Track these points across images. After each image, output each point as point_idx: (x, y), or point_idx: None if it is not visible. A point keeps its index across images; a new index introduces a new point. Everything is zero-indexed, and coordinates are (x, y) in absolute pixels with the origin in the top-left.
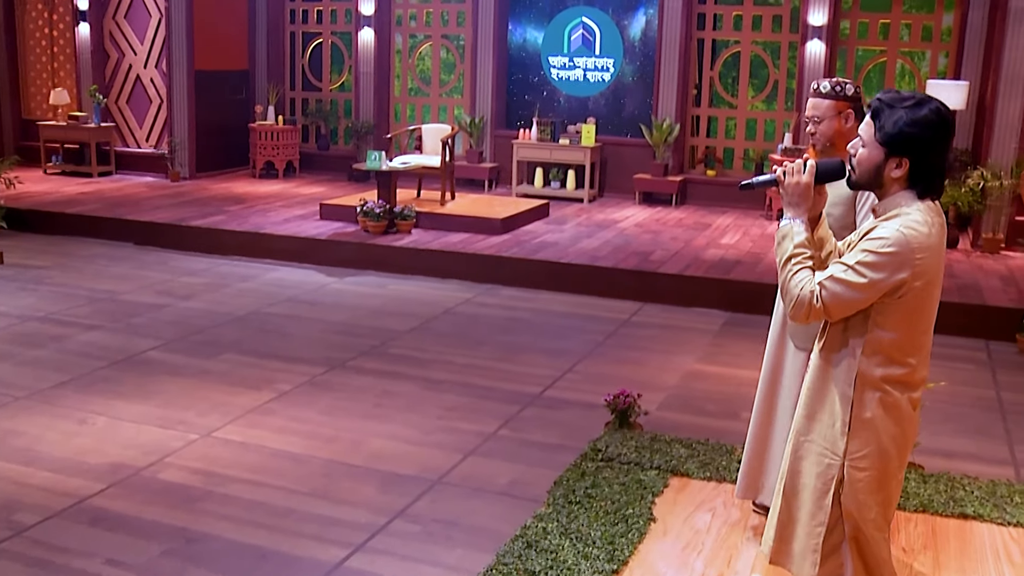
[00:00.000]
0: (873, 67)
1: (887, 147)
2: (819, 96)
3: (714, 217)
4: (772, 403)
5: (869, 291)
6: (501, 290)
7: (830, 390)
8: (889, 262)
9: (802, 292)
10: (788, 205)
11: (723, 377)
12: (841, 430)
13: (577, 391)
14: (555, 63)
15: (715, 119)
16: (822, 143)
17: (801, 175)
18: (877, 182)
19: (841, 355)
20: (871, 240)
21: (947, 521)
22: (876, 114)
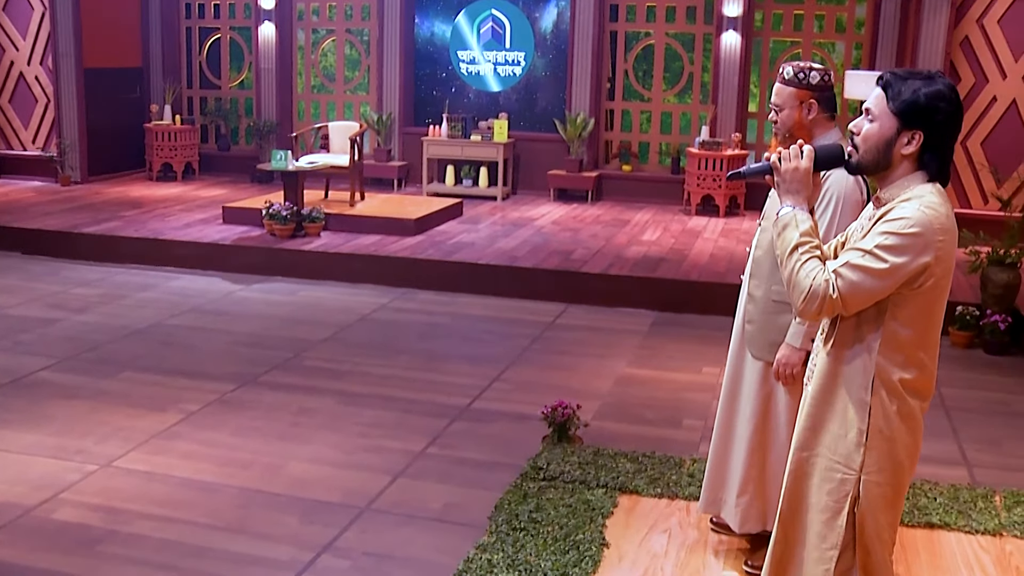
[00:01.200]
0: (788, 59)
1: (901, 117)
2: (782, 82)
3: (632, 213)
4: (732, 413)
5: (890, 278)
6: (418, 294)
7: (840, 396)
8: (912, 244)
9: (815, 283)
10: (787, 193)
11: (658, 381)
12: (857, 440)
13: (507, 401)
14: (464, 57)
15: (629, 113)
16: (783, 133)
17: (799, 160)
18: (885, 161)
19: (854, 353)
20: (890, 221)
21: (914, 532)
22: (888, 86)
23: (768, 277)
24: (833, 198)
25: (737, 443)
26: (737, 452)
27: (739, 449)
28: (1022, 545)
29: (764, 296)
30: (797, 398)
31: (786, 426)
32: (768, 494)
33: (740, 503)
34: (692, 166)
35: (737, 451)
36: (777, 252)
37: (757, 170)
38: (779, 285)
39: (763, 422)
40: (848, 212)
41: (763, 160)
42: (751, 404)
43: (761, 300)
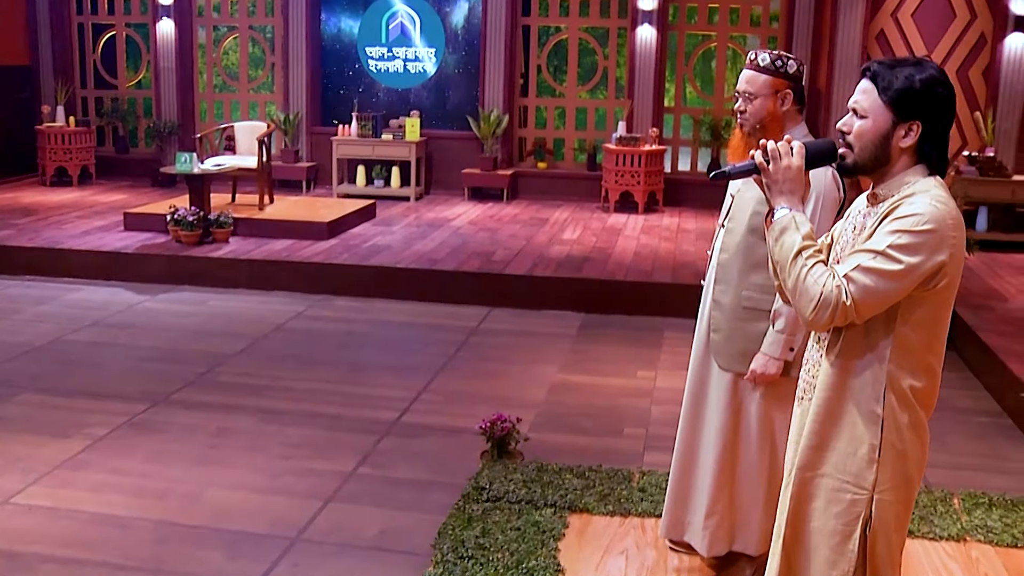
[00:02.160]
0: (703, 52)
1: (896, 109)
2: (756, 69)
3: (549, 211)
4: (696, 429)
5: (905, 280)
6: (334, 300)
7: (848, 410)
8: (927, 242)
9: (826, 290)
10: (781, 194)
11: (593, 388)
12: (869, 457)
13: (437, 414)
14: (373, 54)
15: (543, 109)
16: (751, 124)
17: (790, 157)
18: (882, 158)
19: (864, 363)
20: (901, 219)
21: None
22: (877, 77)
23: (737, 282)
24: (814, 197)
25: (703, 461)
26: (703, 471)
27: (706, 468)
28: (987, 550)
29: (733, 303)
30: (769, 411)
31: (757, 441)
32: (737, 514)
33: (709, 525)
34: (609, 162)
35: (703, 470)
36: (776, 258)
37: (744, 169)
38: (750, 290)
39: (733, 437)
40: (828, 211)
41: (748, 158)
42: (719, 419)
43: (729, 307)
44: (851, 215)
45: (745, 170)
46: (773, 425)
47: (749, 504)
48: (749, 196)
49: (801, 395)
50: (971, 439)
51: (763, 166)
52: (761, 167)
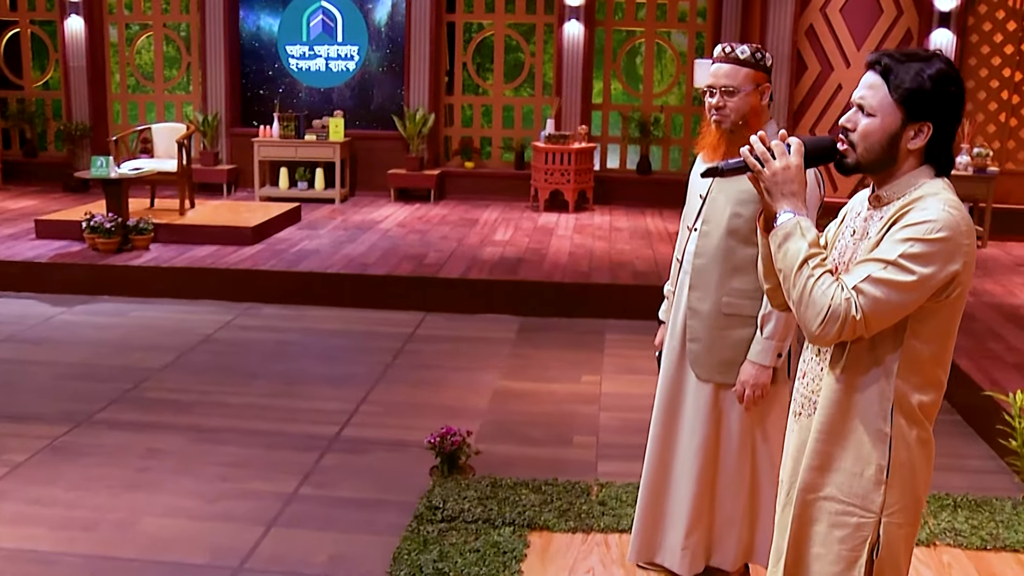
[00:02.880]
0: (631, 48)
1: (907, 109)
2: (735, 63)
3: (478, 212)
4: (671, 445)
5: (918, 291)
6: (262, 309)
7: (854, 428)
8: (940, 251)
9: (834, 302)
10: (782, 196)
11: (538, 395)
12: (876, 478)
13: (380, 427)
14: (294, 52)
15: (470, 107)
16: (732, 121)
17: (788, 157)
18: (888, 159)
19: (870, 378)
20: (913, 226)
21: None
22: (888, 72)
23: (716, 288)
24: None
25: (680, 479)
26: (681, 489)
27: (683, 485)
28: (958, 554)
29: (712, 310)
30: (751, 422)
31: (737, 453)
32: (715, 529)
33: (689, 545)
34: (538, 161)
35: (680, 488)
36: (779, 267)
37: (738, 165)
38: (730, 296)
39: (713, 452)
40: (810, 212)
41: (738, 157)
42: (700, 433)
43: (708, 315)
44: (847, 217)
45: (739, 167)
46: (754, 436)
47: (728, 519)
48: (725, 197)
49: (798, 410)
50: None
51: (756, 166)
52: (754, 167)
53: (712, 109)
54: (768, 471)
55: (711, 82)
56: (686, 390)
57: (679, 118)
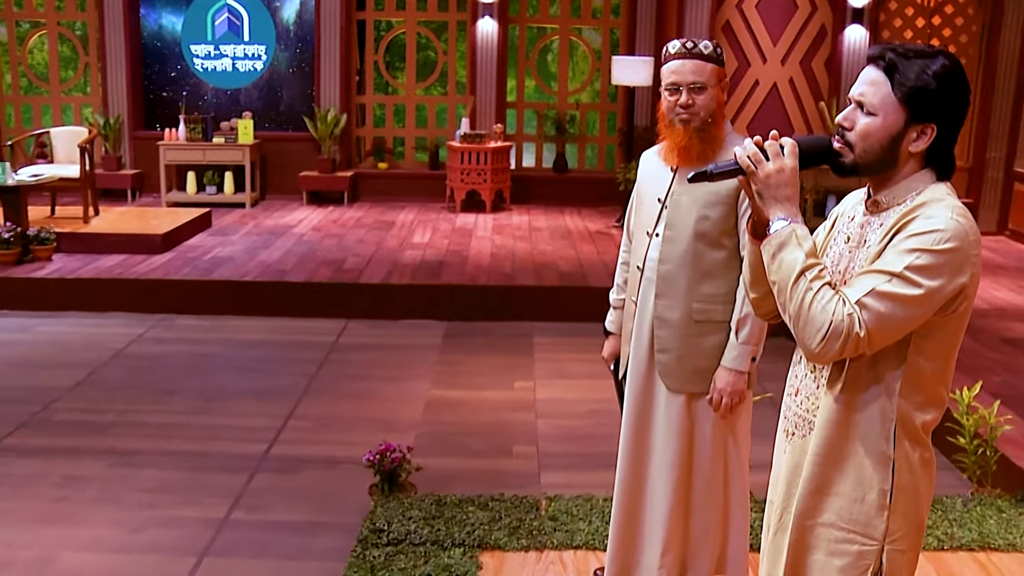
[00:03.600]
0: (545, 45)
1: (910, 109)
2: (700, 58)
3: (394, 214)
4: (643, 461)
5: (925, 305)
6: (177, 320)
7: (854, 451)
8: (948, 262)
9: (836, 318)
10: (775, 201)
11: (471, 403)
12: (878, 503)
13: (310, 443)
14: (199, 52)
15: (382, 107)
16: (701, 119)
17: (782, 159)
18: (888, 161)
19: (871, 397)
20: (919, 235)
21: None
22: (892, 68)
23: (686, 295)
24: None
25: (654, 496)
26: (656, 506)
27: (658, 502)
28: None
29: (682, 318)
30: (724, 431)
31: (711, 464)
32: (690, 544)
33: (665, 563)
34: (454, 161)
35: (656, 505)
36: (773, 278)
37: (728, 169)
38: (701, 302)
39: (687, 465)
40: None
41: (731, 160)
42: (673, 446)
43: (678, 323)
44: (839, 222)
45: (729, 170)
46: (727, 443)
47: (703, 532)
48: (690, 199)
49: (791, 429)
50: None
51: (750, 169)
52: (748, 169)
53: (677, 108)
54: (739, 478)
55: (676, 80)
56: (656, 403)
57: (594, 115)
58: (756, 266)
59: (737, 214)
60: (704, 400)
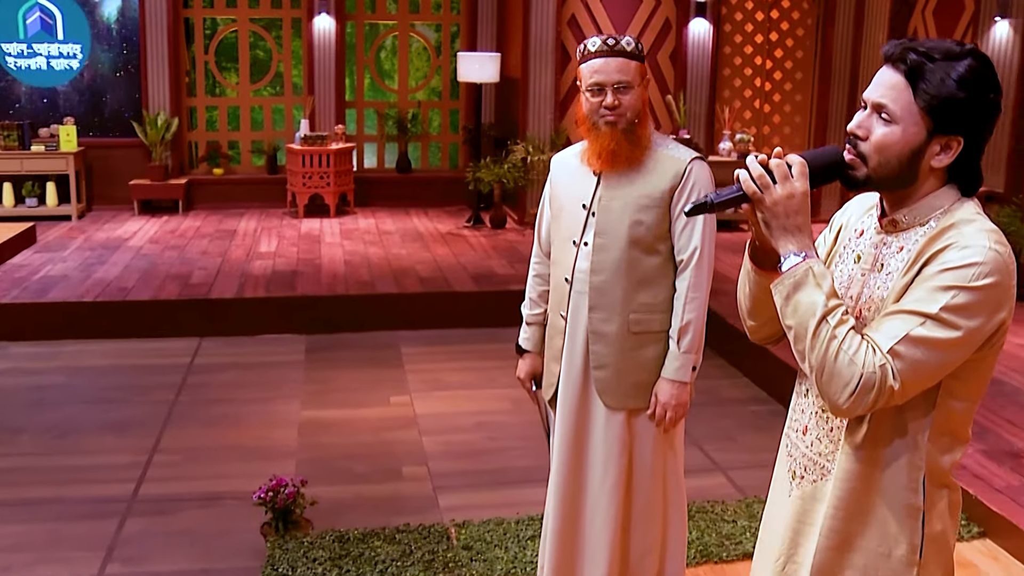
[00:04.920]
0: (385, 42)
1: (935, 119)
2: (624, 55)
3: (234, 222)
4: (579, 487)
5: (963, 349)
6: (9, 349)
7: (878, 504)
8: (988, 299)
9: (867, 370)
10: (785, 232)
11: (349, 424)
12: (908, 559)
13: (182, 479)
14: (11, 51)
15: (214, 110)
16: (628, 120)
17: (792, 182)
18: (908, 177)
19: (897, 449)
20: (955, 270)
21: (735, 567)
22: (915, 72)
23: (622, 306)
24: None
25: (595, 522)
26: (597, 532)
27: (600, 528)
28: None
29: (620, 330)
30: (663, 445)
31: (650, 481)
32: (631, 567)
33: None
34: (294, 164)
35: (597, 531)
36: (788, 323)
37: (730, 197)
38: (638, 313)
39: (628, 484)
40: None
41: (734, 185)
42: (614, 468)
43: (616, 336)
44: (844, 235)
45: (732, 198)
46: (666, 457)
47: (644, 553)
48: (621, 204)
49: (800, 472)
50: (756, 432)
51: (757, 196)
52: (754, 196)
53: (602, 109)
54: (677, 493)
55: (600, 79)
56: (593, 423)
57: (436, 113)
58: (757, 296)
59: (671, 217)
60: (644, 415)
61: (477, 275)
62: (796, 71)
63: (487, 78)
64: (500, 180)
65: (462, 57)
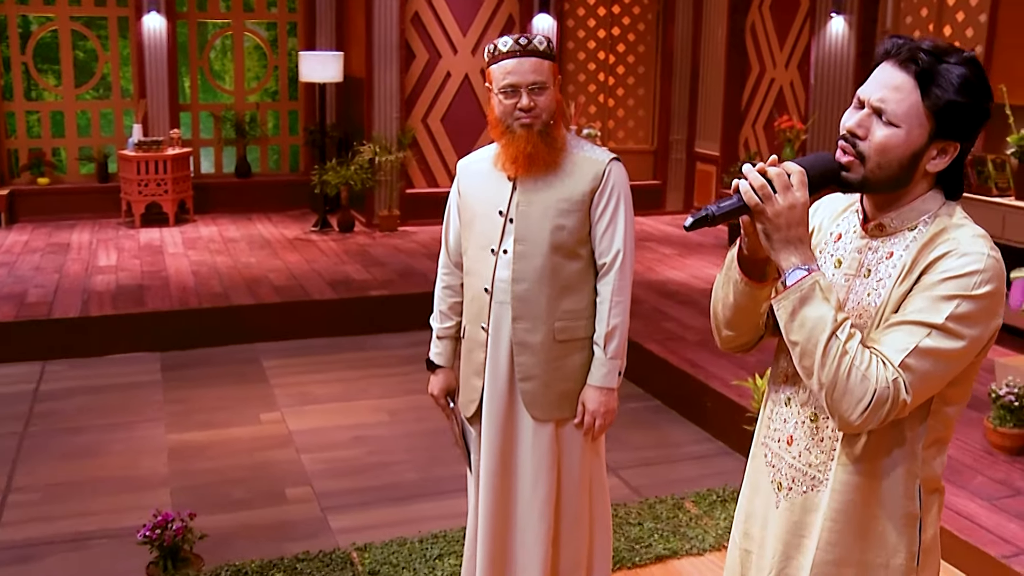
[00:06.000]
0: (219, 41)
1: (939, 123)
2: (536, 55)
3: (65, 234)
4: (508, 502)
5: (967, 358)
6: None
7: (876, 515)
8: (988, 307)
9: (880, 386)
10: (787, 244)
11: (221, 446)
12: (906, 566)
13: (46, 520)
14: None
15: (35, 115)
16: (544, 121)
17: (792, 192)
18: (903, 181)
19: (895, 458)
20: (956, 279)
21: (649, 570)
22: (926, 75)
23: (547, 314)
24: (621, 199)
25: (526, 540)
26: (528, 549)
27: (532, 545)
28: None
29: (545, 340)
30: (588, 453)
31: (578, 492)
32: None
33: None
34: (128, 171)
35: (528, 548)
36: (793, 338)
37: (731, 209)
38: (563, 320)
39: (557, 497)
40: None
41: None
42: (544, 482)
43: (542, 346)
44: (819, 238)
45: (734, 210)
46: (592, 467)
47: (573, 567)
48: (541, 210)
49: (787, 483)
50: (640, 430)
51: (759, 207)
52: (756, 207)
53: (517, 111)
54: (601, 500)
55: (514, 80)
56: (521, 437)
57: (275, 115)
58: (744, 306)
59: (591, 220)
60: (571, 425)
61: (334, 281)
62: (639, 65)
63: (330, 78)
64: (347, 182)
65: (303, 56)
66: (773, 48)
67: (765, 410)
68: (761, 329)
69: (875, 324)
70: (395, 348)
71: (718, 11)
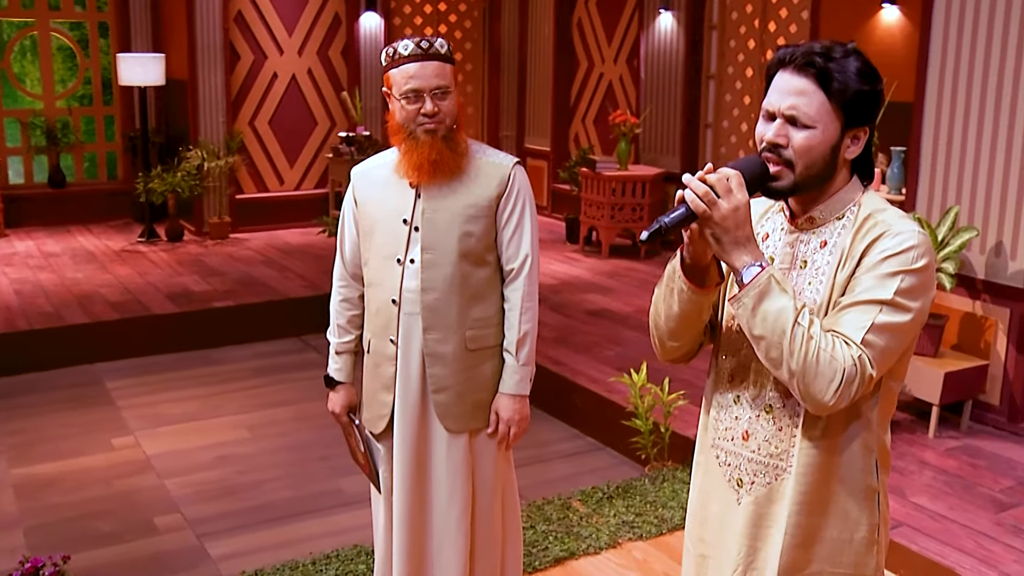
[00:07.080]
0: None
1: (847, 115)
2: (438, 59)
3: None
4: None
5: (915, 330)
6: None
7: (838, 491)
8: (926, 279)
9: (847, 364)
10: (736, 245)
11: (73, 477)
12: (868, 539)
13: None
14: None
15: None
16: (447, 127)
17: (734, 195)
18: (828, 175)
19: (852, 434)
20: (896, 256)
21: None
22: (824, 74)
23: (457, 323)
24: (527, 203)
25: (441, 552)
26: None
27: (448, 558)
28: (644, 546)
29: (457, 349)
30: (500, 461)
31: (491, 502)
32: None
33: None
34: None
35: (444, 562)
36: (757, 333)
37: (681, 219)
38: (474, 329)
39: (472, 510)
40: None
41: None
42: (460, 494)
43: (454, 356)
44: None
45: (683, 219)
46: (504, 478)
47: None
48: (448, 216)
49: (745, 479)
50: None
51: (706, 213)
52: (703, 214)
53: (420, 117)
54: (513, 509)
55: (417, 85)
56: (435, 450)
57: (90, 120)
58: (689, 313)
59: (498, 226)
60: (484, 435)
61: (172, 294)
62: (466, 63)
63: (151, 81)
64: (175, 190)
65: (122, 59)
66: (601, 43)
67: (708, 416)
68: (702, 336)
69: (823, 310)
70: (244, 360)
71: (544, 8)
